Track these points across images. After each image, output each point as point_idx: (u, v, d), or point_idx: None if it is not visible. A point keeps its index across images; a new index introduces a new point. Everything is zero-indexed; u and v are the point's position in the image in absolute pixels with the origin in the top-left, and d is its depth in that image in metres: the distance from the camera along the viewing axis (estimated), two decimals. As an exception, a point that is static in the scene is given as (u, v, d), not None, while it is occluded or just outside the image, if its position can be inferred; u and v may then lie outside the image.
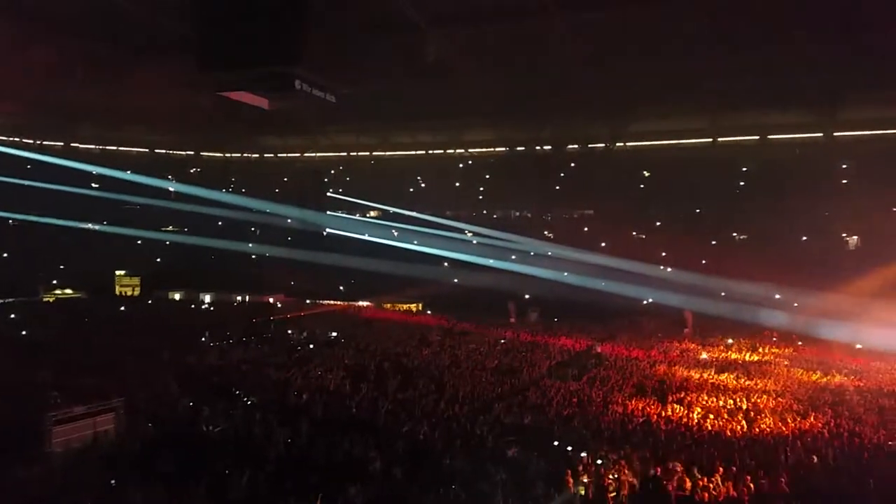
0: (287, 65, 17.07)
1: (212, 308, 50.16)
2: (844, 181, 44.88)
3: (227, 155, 64.52)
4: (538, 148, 53.90)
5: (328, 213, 59.79)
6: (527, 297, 46.81)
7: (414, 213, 55.61)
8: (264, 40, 16.56)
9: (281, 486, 12.98)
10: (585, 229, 54.76)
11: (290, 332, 36.09)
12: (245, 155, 64.53)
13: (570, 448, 16.03)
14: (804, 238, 46.38)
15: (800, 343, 35.55)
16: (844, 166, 45.01)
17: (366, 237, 55.85)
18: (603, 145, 52.04)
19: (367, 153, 60.62)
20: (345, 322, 40.41)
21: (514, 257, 51.66)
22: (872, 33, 28.24)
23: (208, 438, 16.59)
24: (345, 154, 61.67)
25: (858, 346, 33.35)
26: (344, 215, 60.20)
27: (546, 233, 55.41)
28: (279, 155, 63.52)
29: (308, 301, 50.10)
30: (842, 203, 43.99)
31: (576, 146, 53.02)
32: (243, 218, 57.25)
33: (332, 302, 51.19)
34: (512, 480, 13.44)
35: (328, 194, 60.51)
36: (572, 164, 53.64)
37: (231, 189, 62.24)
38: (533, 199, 56.50)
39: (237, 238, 56.74)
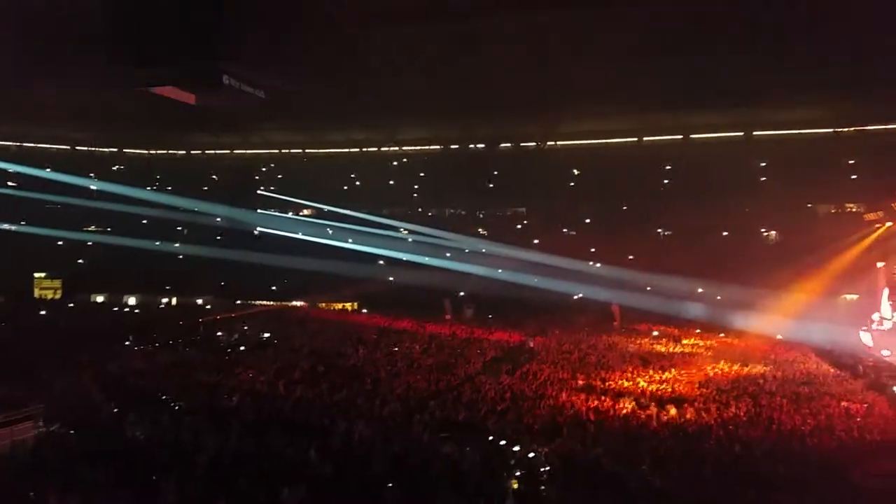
0: (214, 59, 16.64)
1: (137, 310, 48.46)
2: (763, 179, 47.02)
3: (153, 152, 62.42)
4: (471, 146, 54.43)
5: (259, 211, 58.66)
6: (462, 293, 47.22)
7: (348, 212, 55.19)
8: (190, 33, 16.06)
9: (211, 491, 12.70)
10: (518, 226, 55.71)
11: (219, 334, 35.26)
12: (172, 152, 62.57)
13: (503, 442, 16.31)
14: (725, 234, 48.42)
15: (722, 335, 37.08)
16: (763, 164, 47.14)
17: (299, 236, 55.11)
18: (534, 144, 52.97)
19: (300, 150, 59.80)
20: (278, 323, 39.77)
21: (448, 255, 51.98)
22: (788, 42, 29.91)
23: (134, 445, 16.07)
24: (276, 151, 60.67)
25: (778, 336, 35.05)
26: (276, 213, 59.19)
27: (480, 230, 56.02)
28: (207, 152, 61.89)
29: (239, 302, 49.06)
30: (760, 200, 46.12)
31: (508, 145, 53.78)
32: (170, 217, 55.55)
33: (264, 302, 50.26)
34: (447, 476, 13.55)
35: (259, 192, 59.40)
36: (505, 163, 54.32)
37: (157, 187, 60.24)
38: (467, 197, 56.99)
39: (164, 238, 55.01)
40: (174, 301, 51.81)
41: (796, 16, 27.07)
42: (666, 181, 50.61)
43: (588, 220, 53.07)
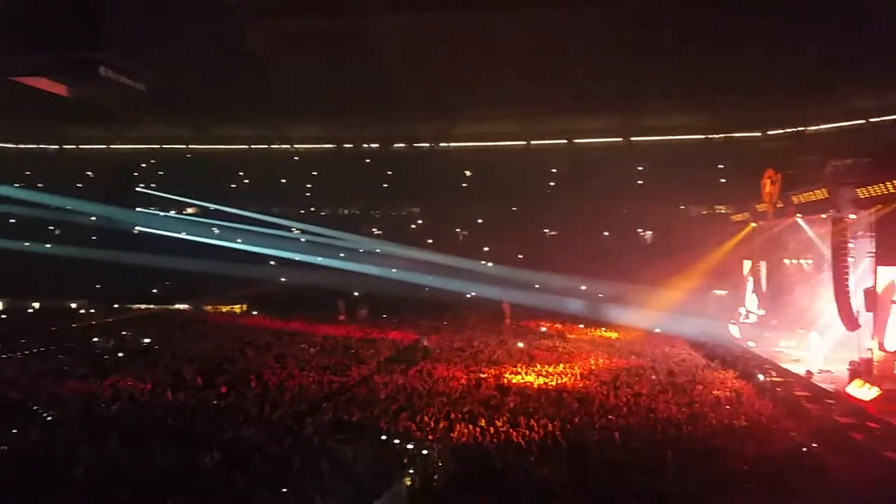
0: (90, 50, 15.71)
1: (3, 316, 44.78)
2: (640, 182, 49.70)
3: (22, 146, 57.89)
4: (365, 146, 54.20)
5: (139, 210, 55.70)
6: (356, 294, 46.94)
7: (236, 211, 53.45)
8: (63, 21, 15.07)
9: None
10: (412, 226, 56.07)
11: (96, 339, 33.23)
12: (42, 146, 58.27)
13: (397, 441, 16.42)
14: (606, 233, 50.89)
15: (604, 329, 38.90)
16: (640, 168, 49.82)
17: (182, 236, 52.82)
18: (428, 145, 53.46)
19: (183, 146, 57.25)
20: (160, 327, 37.92)
21: (342, 255, 51.48)
22: (663, 54, 32.00)
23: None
24: (158, 147, 57.77)
25: (656, 329, 37.18)
26: (158, 212, 56.42)
27: (374, 230, 55.89)
28: (82, 147, 58.08)
29: (117, 306, 46.40)
30: (638, 202, 48.77)
31: (402, 145, 53.99)
32: (40, 216, 51.74)
33: (145, 306, 47.78)
34: (340, 478, 13.49)
35: (139, 190, 56.43)
36: (399, 163, 54.47)
37: (26, 184, 55.88)
38: (361, 197, 56.70)
39: (33, 238, 51.20)
40: (46, 305, 48.19)
41: (670, 30, 29.06)
42: (552, 183, 52.41)
43: (480, 221, 54.19)
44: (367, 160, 54.05)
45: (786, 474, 14.13)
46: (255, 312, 46.58)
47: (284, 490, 12.87)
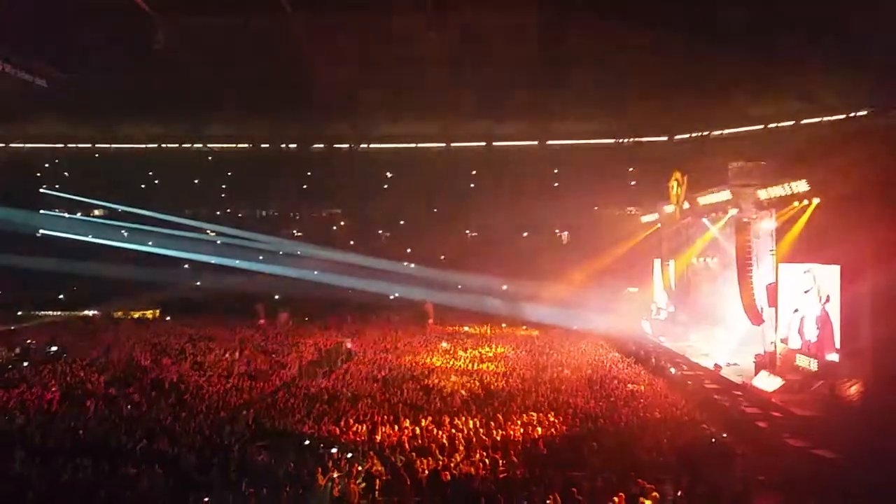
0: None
1: None
2: (556, 184, 50.92)
3: None
4: (283, 146, 53.17)
5: (42, 212, 52.67)
6: (276, 297, 46.02)
7: (147, 212, 51.33)
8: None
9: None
10: (334, 228, 55.45)
11: (-3, 349, 31.25)
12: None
13: (321, 445, 16.26)
14: (525, 234, 51.92)
15: (524, 327, 39.72)
16: (556, 171, 51.03)
17: (89, 238, 50.33)
18: (348, 146, 52.97)
19: (90, 145, 54.50)
20: (67, 334, 36.00)
21: (261, 257, 50.35)
22: (574, 62, 33.18)
23: None
24: (61, 145, 54.74)
25: (574, 327, 38.22)
26: (62, 214, 53.51)
27: (294, 232, 54.92)
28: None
29: (21, 313, 43.74)
30: (554, 203, 49.97)
31: (321, 146, 53.29)
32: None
33: (49, 313, 45.22)
34: (261, 486, 13.25)
35: (41, 190, 53.37)
36: (319, 164, 53.72)
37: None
38: (280, 198, 55.62)
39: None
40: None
41: (583, 39, 30.24)
42: (472, 185, 52.98)
43: (402, 222, 54.20)
44: (286, 161, 53.01)
45: (697, 463, 14.89)
46: (168, 318, 44.93)
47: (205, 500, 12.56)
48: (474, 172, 52.65)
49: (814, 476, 14.82)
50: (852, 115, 33.89)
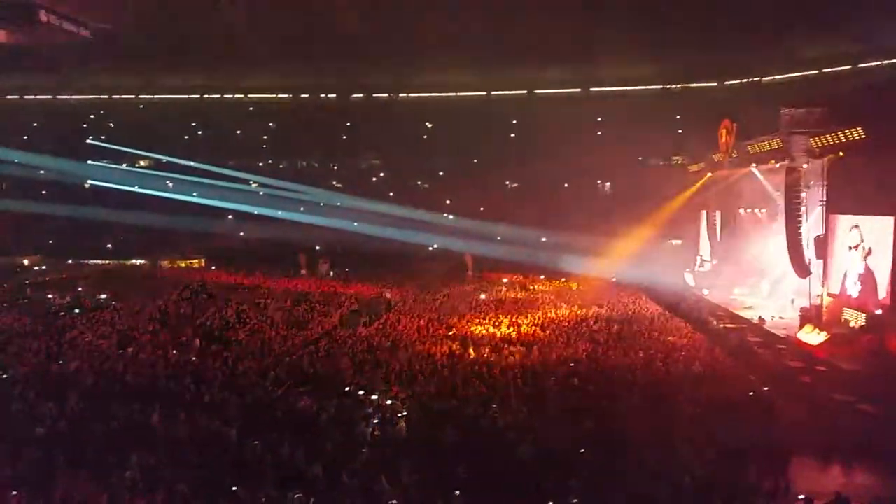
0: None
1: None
2: (599, 133, 49.81)
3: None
4: (322, 96, 53.02)
5: (90, 162, 53.90)
6: (317, 248, 46.59)
7: (192, 163, 52.09)
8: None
9: (52, 464, 11.90)
10: (373, 179, 55.52)
11: (49, 296, 32.47)
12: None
13: (361, 392, 16.58)
14: (566, 185, 51.12)
15: (564, 279, 39.47)
16: (599, 119, 49.87)
17: (136, 189, 51.43)
18: (386, 95, 52.55)
19: (133, 96, 55.27)
20: (116, 283, 37.20)
21: (302, 208, 50.84)
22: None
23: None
24: (107, 97, 55.66)
25: (613, 279, 37.86)
26: (109, 165, 54.68)
27: (334, 183, 55.18)
28: (25, 97, 55.58)
29: (71, 262, 45.27)
30: (597, 153, 48.94)
31: (360, 95, 52.99)
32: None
33: (99, 262, 46.72)
34: (303, 432, 13.58)
35: (89, 142, 54.51)
36: (358, 115, 53.54)
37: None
38: (320, 149, 55.77)
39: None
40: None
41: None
42: (513, 135, 52.22)
43: (441, 173, 53.90)
44: (325, 111, 52.93)
45: (738, 417, 14.72)
46: (213, 267, 45.98)
47: (249, 442, 12.93)
48: (515, 122, 51.83)
49: (857, 431, 14.54)
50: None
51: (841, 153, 23.05)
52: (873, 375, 18.10)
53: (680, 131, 47.33)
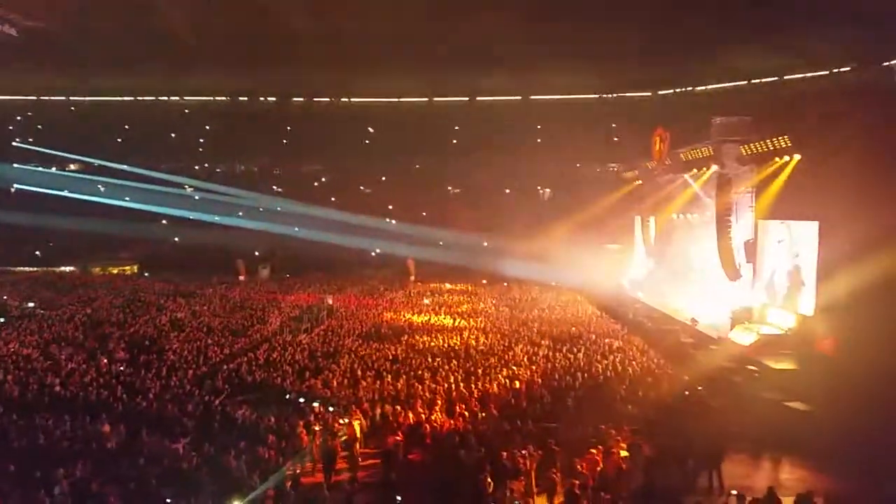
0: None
1: None
2: (539, 140, 50.53)
3: None
4: (262, 99, 52.08)
5: (16, 165, 51.48)
6: (256, 253, 45.70)
7: (124, 167, 50.35)
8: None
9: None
10: (315, 184, 54.86)
11: (-27, 305, 30.89)
12: None
13: (302, 400, 16.31)
14: (507, 191, 51.68)
15: (505, 284, 39.85)
16: (539, 127, 50.59)
17: (66, 193, 49.39)
18: (328, 99, 52.02)
19: (64, 98, 53.14)
20: (44, 291, 35.63)
21: (241, 213, 49.78)
22: (559, 15, 32.52)
23: None
24: (34, 98, 53.32)
25: (553, 283, 38.40)
26: (37, 168, 52.34)
27: (275, 187, 54.25)
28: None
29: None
30: (537, 160, 49.72)
31: (301, 99, 52.28)
32: None
33: (27, 269, 44.66)
34: (242, 440, 13.28)
35: (15, 144, 52.09)
36: (299, 118, 52.79)
37: None
38: (259, 153, 54.77)
39: None
40: None
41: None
42: (454, 141, 52.45)
43: (383, 178, 53.72)
44: (265, 115, 51.99)
45: (672, 415, 15.14)
46: (146, 274, 44.57)
47: (185, 452, 12.59)
48: (457, 128, 52.09)
49: (786, 427, 15.14)
50: (836, 70, 33.73)
51: (770, 160, 24.02)
52: (800, 374, 18.89)
53: (616, 139, 48.43)
